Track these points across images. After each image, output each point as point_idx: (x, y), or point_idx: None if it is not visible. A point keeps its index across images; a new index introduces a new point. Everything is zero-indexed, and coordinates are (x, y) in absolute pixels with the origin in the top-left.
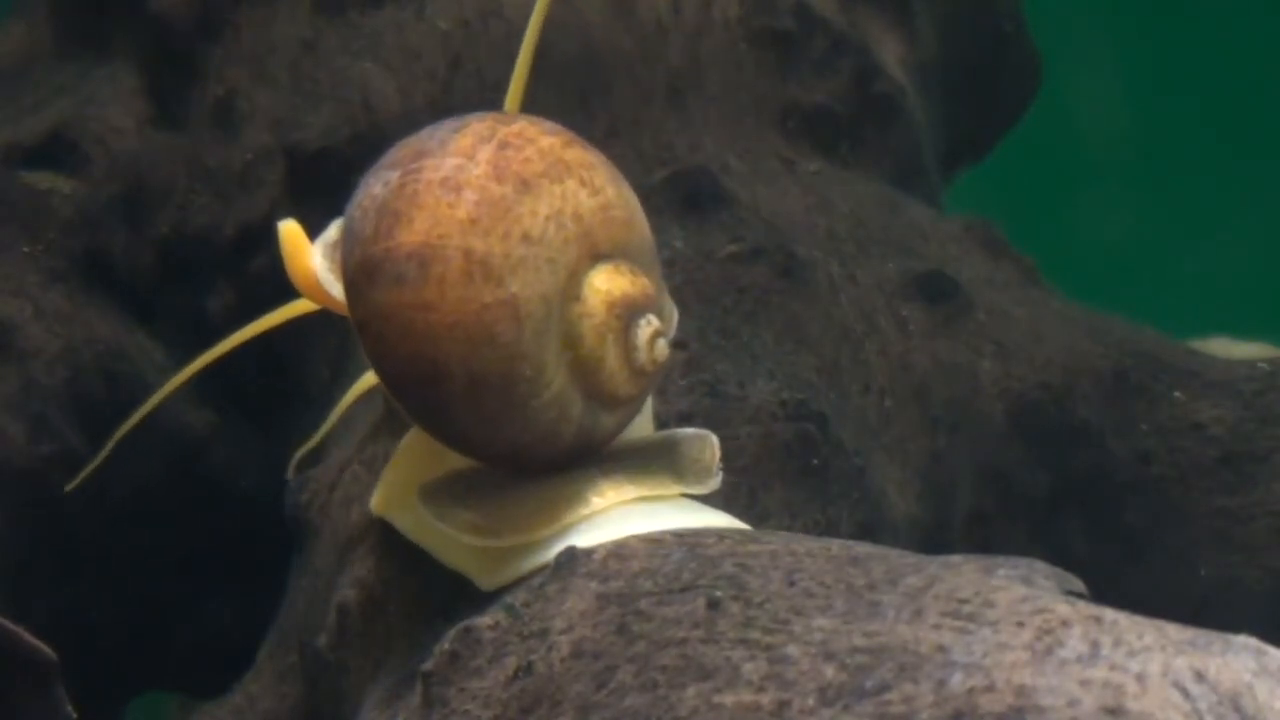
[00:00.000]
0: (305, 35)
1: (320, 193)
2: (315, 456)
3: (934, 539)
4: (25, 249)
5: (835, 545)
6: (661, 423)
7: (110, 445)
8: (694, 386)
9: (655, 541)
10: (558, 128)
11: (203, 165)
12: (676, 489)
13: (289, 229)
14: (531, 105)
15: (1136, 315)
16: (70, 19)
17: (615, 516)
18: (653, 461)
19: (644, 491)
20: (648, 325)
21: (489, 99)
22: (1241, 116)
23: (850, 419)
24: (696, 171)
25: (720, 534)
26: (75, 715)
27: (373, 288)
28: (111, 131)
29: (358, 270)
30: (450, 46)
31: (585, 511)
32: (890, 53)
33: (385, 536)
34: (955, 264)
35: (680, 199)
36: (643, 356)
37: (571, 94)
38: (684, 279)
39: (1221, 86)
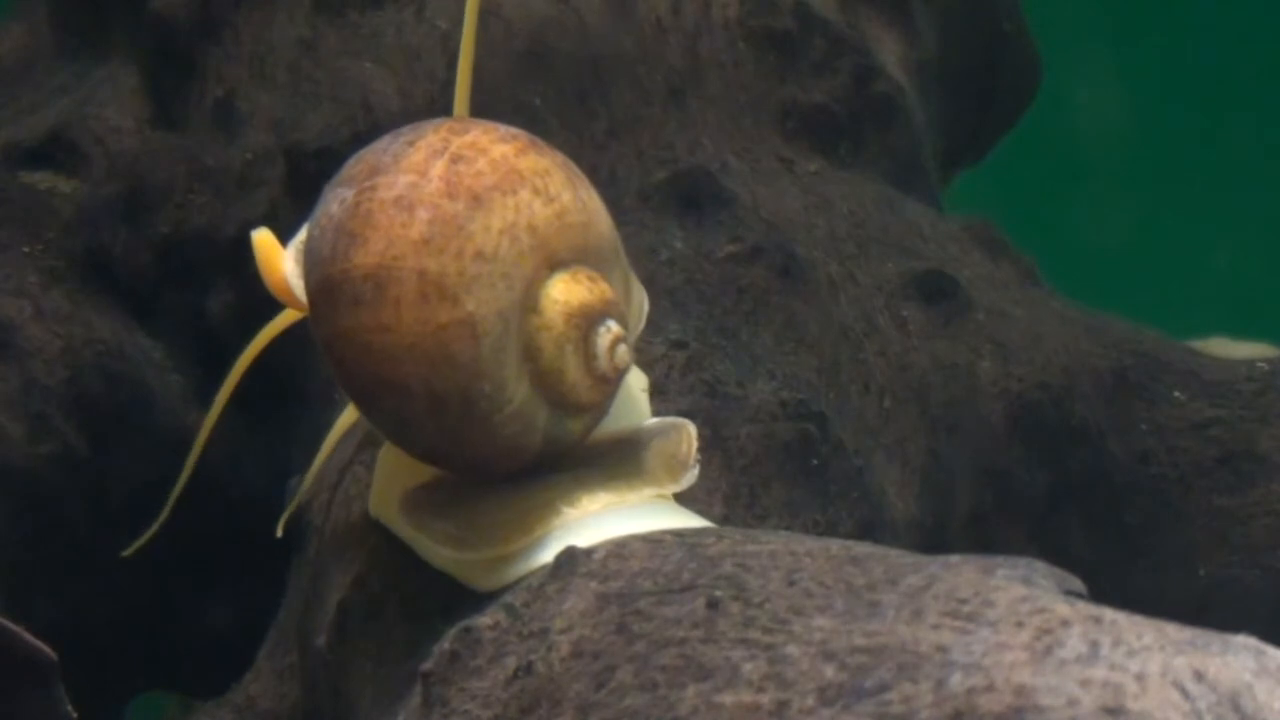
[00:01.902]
0: (305, 35)
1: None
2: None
3: (933, 539)
4: (25, 249)
5: (835, 545)
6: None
7: (171, 501)
8: (694, 386)
9: (655, 541)
10: (513, 133)
11: (203, 165)
12: (650, 490)
13: (261, 238)
14: (533, 105)
15: (1136, 315)
16: (70, 19)
17: (590, 523)
18: (626, 462)
19: (617, 497)
20: (607, 332)
21: (487, 99)
22: (1241, 116)
23: (850, 419)
24: (696, 171)
25: (720, 534)
26: (75, 715)
27: (333, 310)
28: (111, 131)
29: (318, 291)
30: (450, 46)
31: (557, 522)
32: (890, 52)
33: (384, 536)
34: (955, 264)
35: (680, 199)
36: (603, 365)
37: (571, 94)
38: (684, 279)
39: (1221, 86)
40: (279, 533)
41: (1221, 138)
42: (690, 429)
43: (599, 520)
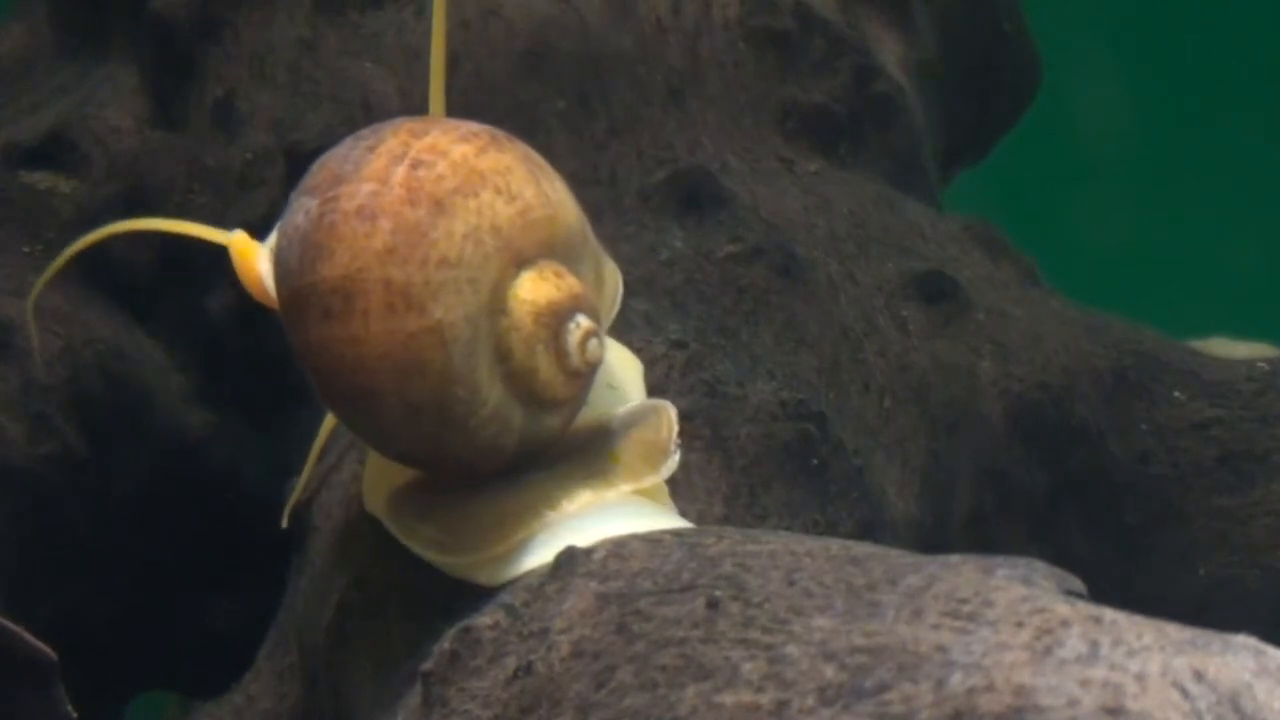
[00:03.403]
0: (305, 35)
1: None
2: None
3: (933, 539)
4: (25, 249)
5: (835, 545)
6: None
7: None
8: (694, 386)
9: (655, 541)
10: (474, 131)
11: (203, 165)
12: (629, 486)
13: (236, 240)
14: (533, 106)
15: (1136, 315)
16: (70, 19)
17: (572, 525)
18: (604, 457)
19: (595, 496)
20: (577, 328)
21: (487, 99)
22: (1242, 116)
23: (850, 419)
24: (696, 171)
25: (720, 534)
26: (75, 715)
27: (303, 322)
28: (111, 131)
29: (288, 304)
30: (450, 46)
31: (537, 525)
32: (890, 52)
33: (384, 536)
34: (955, 264)
35: (680, 199)
36: (575, 361)
37: (571, 94)
38: (684, 279)
39: (1221, 86)
40: (284, 523)
41: (1221, 137)
42: (670, 412)
43: (580, 523)
